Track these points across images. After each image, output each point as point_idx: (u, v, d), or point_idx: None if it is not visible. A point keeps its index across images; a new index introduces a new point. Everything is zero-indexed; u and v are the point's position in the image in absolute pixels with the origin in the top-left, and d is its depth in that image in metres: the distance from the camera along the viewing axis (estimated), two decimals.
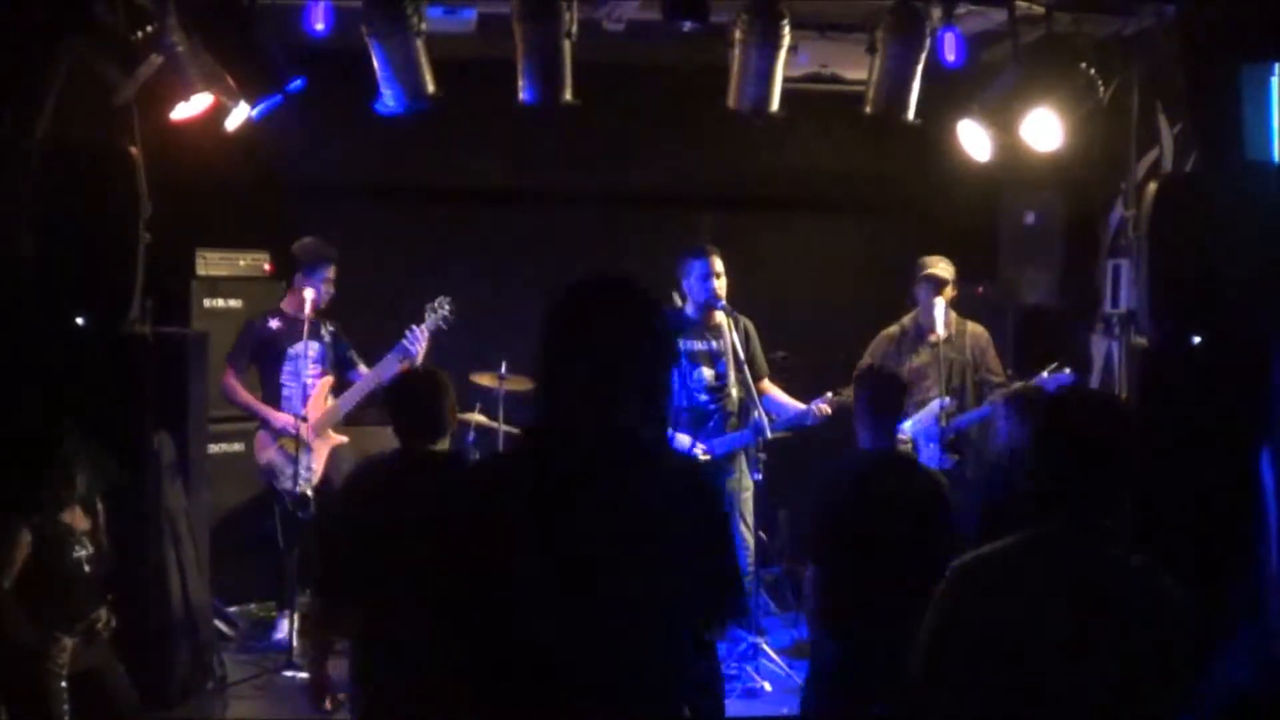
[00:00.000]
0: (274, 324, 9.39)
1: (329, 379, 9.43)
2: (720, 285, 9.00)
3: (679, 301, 9.18)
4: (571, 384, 3.66)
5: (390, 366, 9.14)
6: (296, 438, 8.98)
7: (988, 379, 9.41)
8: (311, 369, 9.28)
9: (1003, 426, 7.36)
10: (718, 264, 9.05)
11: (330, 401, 9.36)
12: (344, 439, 9.48)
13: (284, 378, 9.34)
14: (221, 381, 9.27)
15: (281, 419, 9.17)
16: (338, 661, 6.38)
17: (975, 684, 3.82)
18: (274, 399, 9.31)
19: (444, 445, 6.13)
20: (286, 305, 9.44)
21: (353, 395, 9.37)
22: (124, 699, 6.86)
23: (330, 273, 9.37)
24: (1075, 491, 3.87)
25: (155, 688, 7.66)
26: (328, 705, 6.20)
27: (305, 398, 9.18)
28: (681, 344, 9.04)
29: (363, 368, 9.54)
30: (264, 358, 9.40)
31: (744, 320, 9.21)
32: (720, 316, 9.02)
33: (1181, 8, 7.95)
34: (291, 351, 9.30)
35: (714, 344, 9.07)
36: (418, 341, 9.18)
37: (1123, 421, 3.98)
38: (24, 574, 6.38)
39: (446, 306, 9.40)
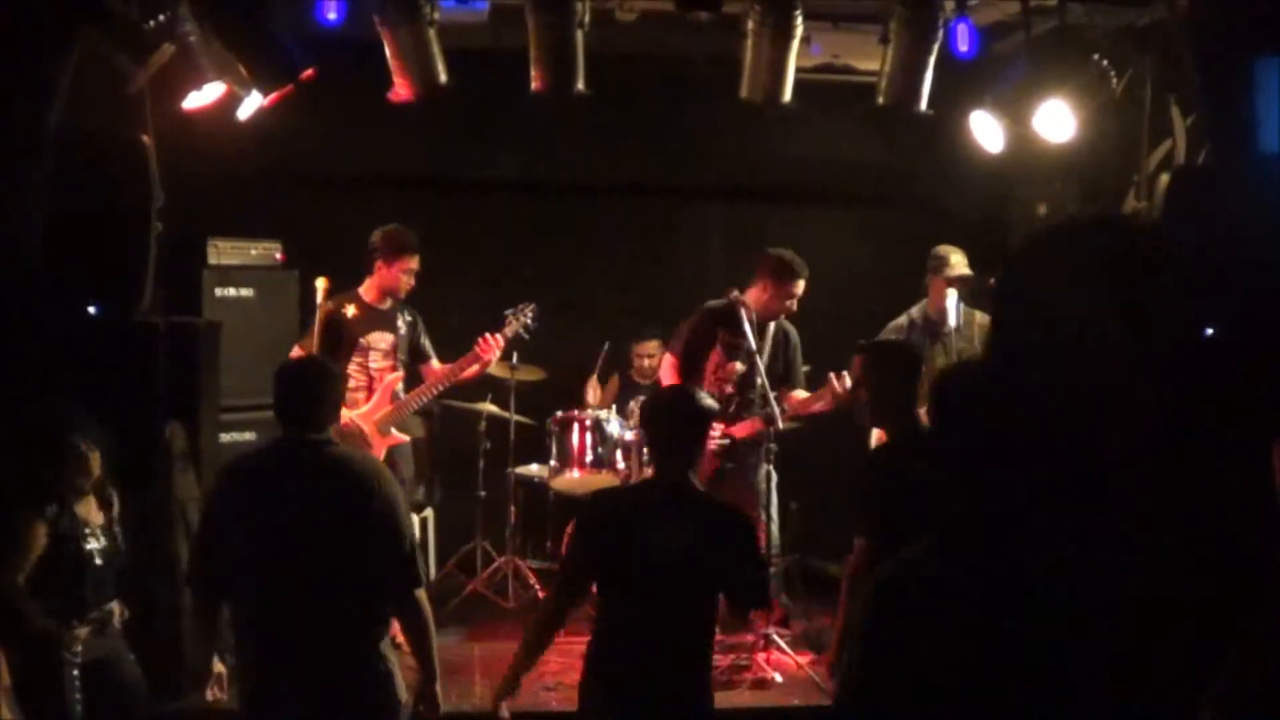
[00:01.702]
0: (351, 311, 9.24)
1: (397, 376, 9.31)
2: (794, 305, 9.12)
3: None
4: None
5: (462, 370, 9.15)
6: (360, 436, 8.91)
7: None
8: (382, 362, 9.21)
9: None
10: (801, 288, 9.14)
11: (392, 401, 9.25)
12: (404, 438, 9.39)
13: (353, 369, 9.20)
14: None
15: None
16: None
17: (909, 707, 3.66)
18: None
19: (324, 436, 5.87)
20: (365, 293, 9.35)
21: (419, 396, 9.28)
22: (135, 688, 6.87)
23: (413, 263, 9.25)
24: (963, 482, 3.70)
25: (166, 677, 7.67)
26: (210, 694, 6.11)
27: (371, 392, 9.12)
28: (724, 335, 9.12)
29: (435, 362, 9.46)
30: (333, 344, 9.13)
31: (788, 326, 9.30)
32: (771, 324, 9.12)
33: (1194, 0, 7.94)
34: (363, 342, 9.21)
35: (755, 343, 9.09)
36: (492, 348, 9.18)
37: (988, 397, 3.76)
38: (38, 566, 6.39)
39: (529, 314, 9.40)
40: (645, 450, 9.04)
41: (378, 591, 5.74)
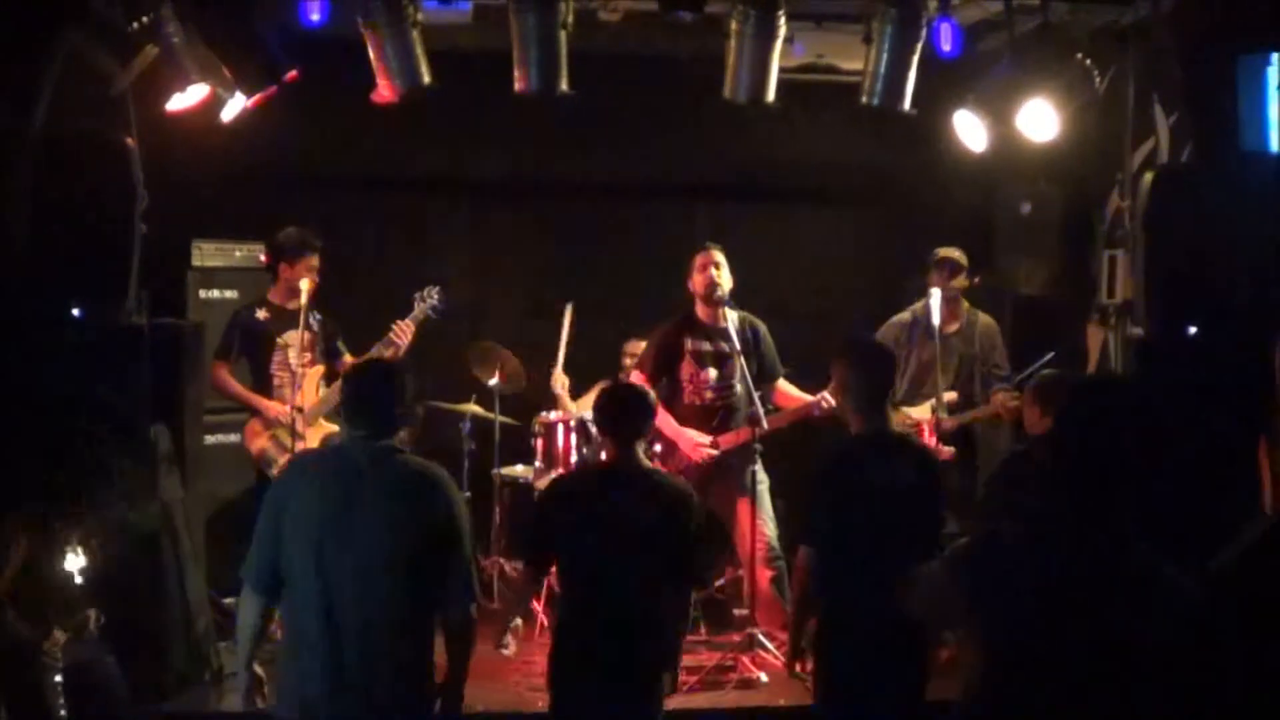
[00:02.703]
0: (261, 314, 9.36)
1: (320, 368, 9.41)
2: (719, 275, 9.00)
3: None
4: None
5: (380, 356, 9.18)
6: (291, 427, 8.98)
7: (994, 372, 9.45)
8: (302, 358, 9.27)
9: (1028, 415, 7.37)
10: (717, 256, 9.05)
11: (322, 391, 9.36)
12: (335, 428, 9.44)
13: (274, 368, 9.31)
14: (211, 373, 9.26)
15: (274, 408, 9.17)
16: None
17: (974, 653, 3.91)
18: (265, 389, 9.29)
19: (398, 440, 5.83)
20: (274, 295, 9.43)
21: (335, 392, 9.33)
22: (116, 692, 6.85)
23: (315, 261, 9.34)
24: (1080, 480, 3.90)
25: (151, 679, 7.66)
26: (258, 701, 6.05)
27: (297, 387, 9.18)
28: (690, 344, 9.09)
29: (349, 357, 9.51)
30: (254, 349, 9.35)
31: (753, 320, 9.22)
32: (727, 318, 9.01)
33: None
34: (281, 341, 9.30)
35: (722, 345, 9.06)
36: (404, 333, 9.22)
37: (1134, 415, 4.00)
38: (17, 576, 6.38)
39: (436, 295, 9.42)
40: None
41: (430, 598, 5.71)
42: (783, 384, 9.33)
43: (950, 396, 9.24)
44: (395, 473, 5.68)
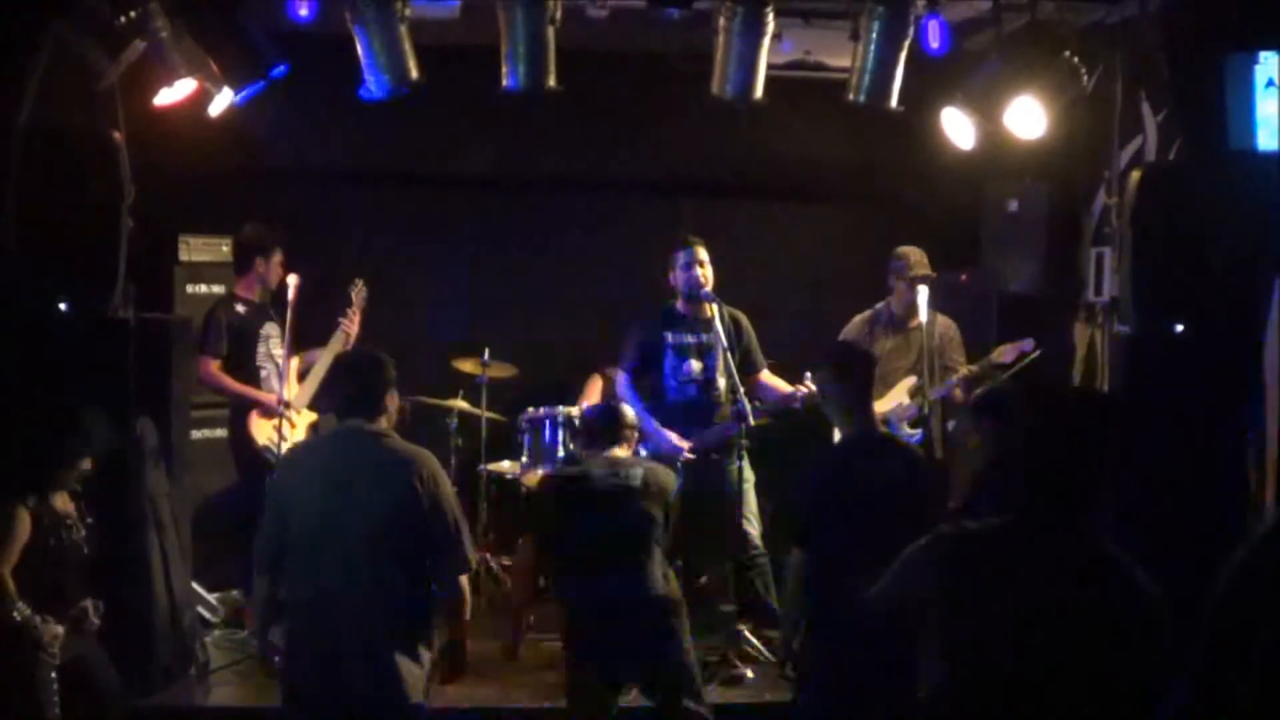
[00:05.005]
0: (241, 309, 9.32)
1: (298, 358, 9.38)
2: (703, 274, 8.98)
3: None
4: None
5: (333, 351, 9.23)
6: (286, 417, 8.94)
7: (950, 366, 9.50)
8: (280, 348, 9.23)
9: (986, 425, 7.35)
10: (701, 254, 9.02)
11: (300, 381, 9.35)
12: (315, 415, 9.43)
13: (259, 360, 9.29)
14: (201, 371, 9.19)
15: (273, 400, 9.08)
16: None
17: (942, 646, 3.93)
18: (253, 382, 9.24)
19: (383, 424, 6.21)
20: (244, 290, 9.41)
21: (313, 380, 9.37)
22: (107, 686, 6.85)
23: (280, 255, 9.38)
24: (1053, 481, 3.93)
25: (137, 673, 7.65)
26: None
27: (281, 377, 9.15)
28: (671, 337, 9.05)
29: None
30: (239, 343, 9.26)
31: (734, 312, 9.19)
32: (709, 309, 8.97)
33: None
34: (261, 333, 9.28)
35: (703, 337, 9.02)
36: (354, 322, 9.31)
37: (1108, 419, 4.04)
38: (19, 558, 6.37)
39: (359, 284, 9.47)
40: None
41: (421, 569, 6.01)
42: (766, 375, 9.32)
43: (910, 381, 9.36)
44: (386, 454, 6.06)
